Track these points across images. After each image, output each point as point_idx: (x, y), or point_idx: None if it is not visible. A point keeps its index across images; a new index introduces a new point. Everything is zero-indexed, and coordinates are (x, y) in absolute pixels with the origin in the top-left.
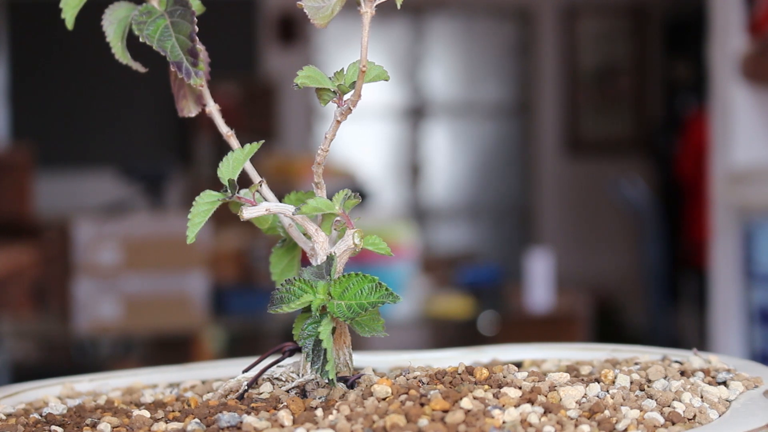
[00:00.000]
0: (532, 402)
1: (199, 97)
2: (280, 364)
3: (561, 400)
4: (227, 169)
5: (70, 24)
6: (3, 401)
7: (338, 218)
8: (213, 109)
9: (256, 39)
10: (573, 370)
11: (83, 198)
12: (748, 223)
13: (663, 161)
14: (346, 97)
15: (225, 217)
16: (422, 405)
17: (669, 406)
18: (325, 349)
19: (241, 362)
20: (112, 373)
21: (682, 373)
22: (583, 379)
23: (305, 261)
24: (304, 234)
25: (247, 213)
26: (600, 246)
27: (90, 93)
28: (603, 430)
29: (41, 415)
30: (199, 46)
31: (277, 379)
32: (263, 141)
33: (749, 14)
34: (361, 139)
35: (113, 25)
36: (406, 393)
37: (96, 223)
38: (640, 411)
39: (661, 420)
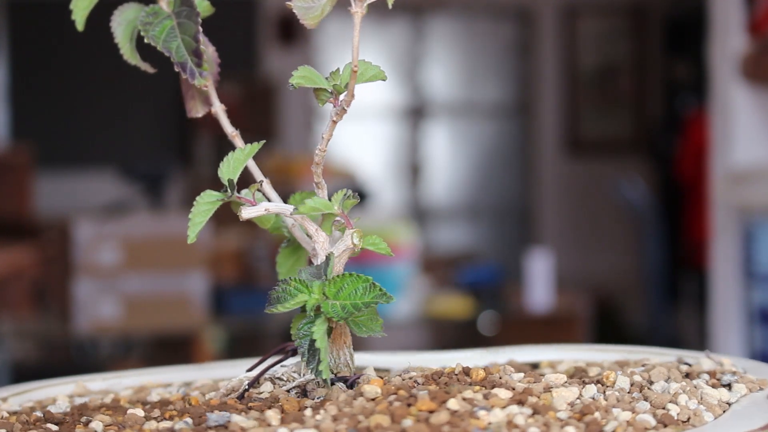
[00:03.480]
0: (522, 403)
1: (206, 98)
2: (283, 363)
3: (552, 401)
4: (228, 169)
5: (80, 25)
6: (11, 399)
7: (337, 218)
8: (218, 109)
9: (256, 39)
10: (581, 372)
11: (83, 198)
12: (748, 223)
13: (663, 161)
14: (341, 97)
15: (225, 217)
16: (409, 405)
17: (663, 408)
18: (319, 349)
19: (254, 361)
20: (126, 372)
21: (687, 375)
22: (585, 381)
23: None
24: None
25: (246, 213)
26: (600, 246)
27: (90, 93)
28: None
29: (43, 414)
30: (207, 47)
31: (278, 378)
32: (264, 141)
33: (749, 14)
34: (361, 139)
35: (122, 26)
36: (395, 393)
37: (96, 223)
38: (632, 413)
39: (653, 422)
